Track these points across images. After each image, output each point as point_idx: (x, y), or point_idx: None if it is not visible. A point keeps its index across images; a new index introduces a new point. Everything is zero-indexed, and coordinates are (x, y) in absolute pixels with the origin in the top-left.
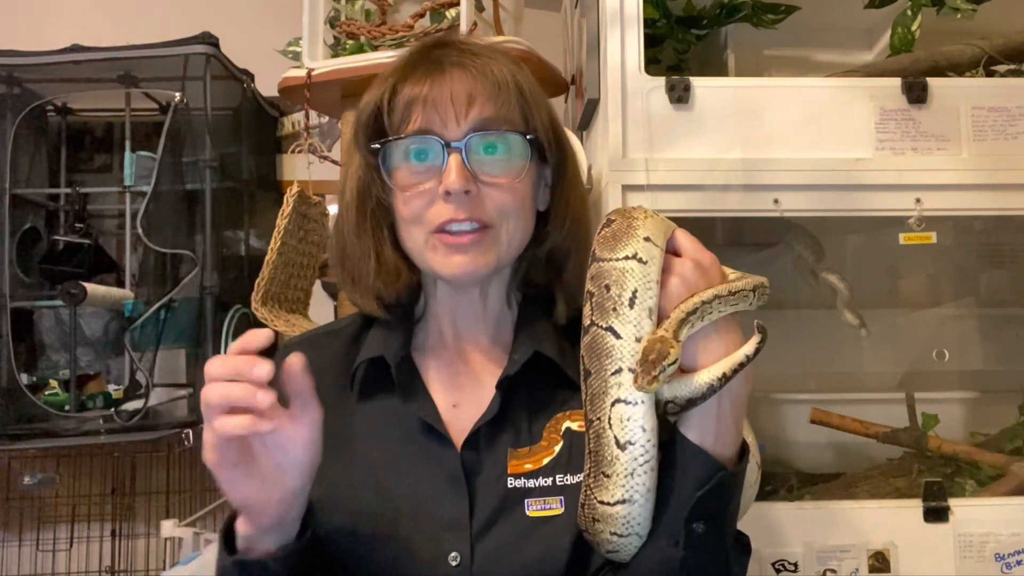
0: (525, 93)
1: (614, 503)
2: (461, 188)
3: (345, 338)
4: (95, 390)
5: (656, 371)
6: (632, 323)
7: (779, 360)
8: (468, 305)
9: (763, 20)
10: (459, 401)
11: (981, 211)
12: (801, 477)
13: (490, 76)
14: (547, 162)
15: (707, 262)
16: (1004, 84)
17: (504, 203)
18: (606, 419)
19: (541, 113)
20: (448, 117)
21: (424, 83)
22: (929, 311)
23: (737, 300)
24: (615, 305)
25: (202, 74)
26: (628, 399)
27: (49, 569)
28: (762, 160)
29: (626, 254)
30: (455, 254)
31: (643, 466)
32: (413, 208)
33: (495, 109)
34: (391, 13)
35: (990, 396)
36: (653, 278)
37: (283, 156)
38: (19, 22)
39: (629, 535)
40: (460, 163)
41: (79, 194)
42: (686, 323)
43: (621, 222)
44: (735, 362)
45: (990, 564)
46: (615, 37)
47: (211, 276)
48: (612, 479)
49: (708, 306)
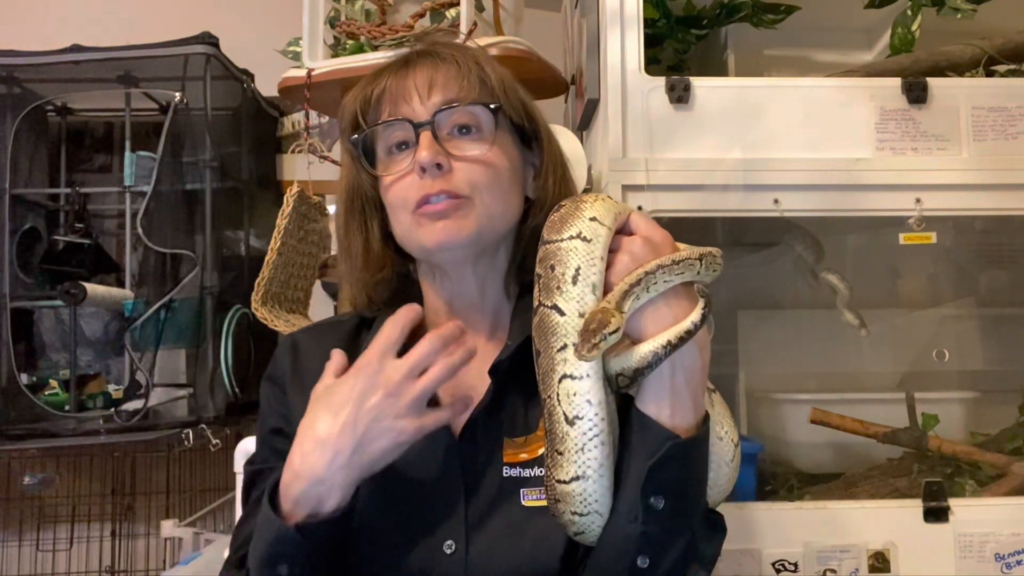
0: (488, 77)
1: (569, 480)
2: (432, 160)
3: (348, 330)
4: (95, 390)
5: (596, 339)
6: (575, 299)
7: (779, 360)
8: (465, 292)
9: (763, 20)
10: (456, 391)
11: (981, 211)
12: (801, 477)
13: (452, 64)
14: (531, 149)
15: (658, 238)
16: (1004, 84)
17: (476, 176)
18: (555, 396)
19: (510, 96)
20: (414, 102)
21: (390, 79)
22: (929, 311)
23: (682, 269)
24: (559, 283)
25: (202, 74)
26: (574, 374)
27: (49, 569)
28: (762, 160)
29: (570, 234)
30: (436, 221)
31: (592, 440)
32: (396, 192)
33: (458, 90)
34: (391, 13)
35: (990, 396)
36: (597, 255)
37: (283, 156)
38: (19, 22)
39: (589, 513)
40: (430, 138)
41: (79, 194)
42: (630, 295)
43: (570, 206)
44: (681, 330)
45: (990, 564)
46: (615, 37)
47: (211, 276)
48: (565, 456)
49: (652, 276)
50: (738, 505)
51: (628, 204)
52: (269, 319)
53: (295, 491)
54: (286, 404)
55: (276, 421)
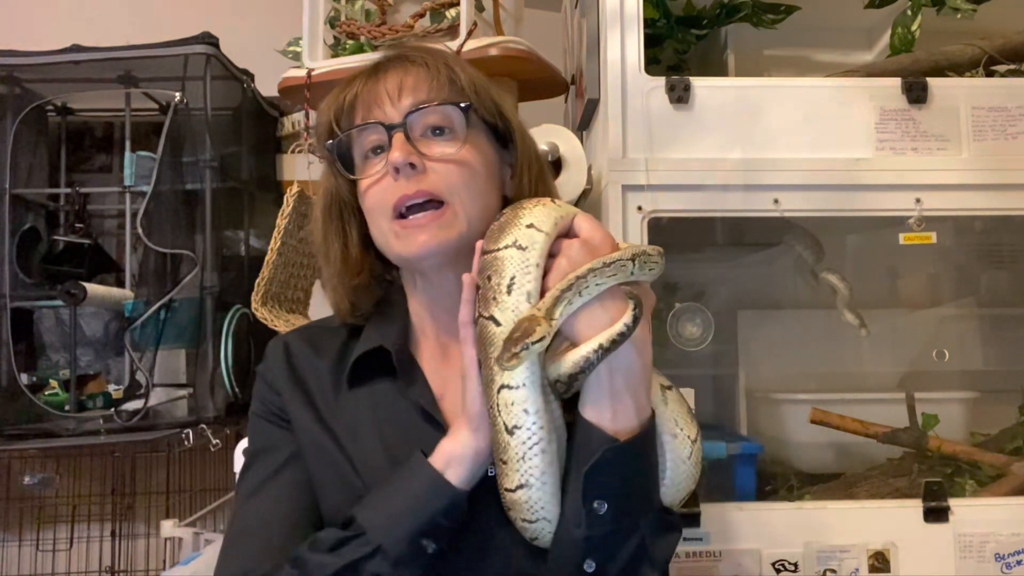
0: (458, 77)
1: (515, 488)
2: (404, 160)
3: (341, 335)
4: (95, 390)
5: (517, 348)
6: (511, 309)
7: (779, 360)
8: (446, 296)
9: (763, 20)
10: (444, 393)
11: (981, 211)
12: (801, 477)
13: (422, 67)
14: (507, 148)
15: (597, 240)
16: (1004, 84)
17: (451, 176)
18: (496, 406)
19: (481, 95)
20: (385, 106)
21: (361, 86)
22: (929, 311)
23: (615, 271)
24: (495, 294)
25: (202, 74)
26: (510, 384)
27: (49, 569)
28: (762, 160)
29: (506, 243)
30: (417, 234)
31: (532, 449)
32: (372, 196)
33: (427, 92)
34: (391, 13)
35: (990, 396)
36: (533, 262)
37: (283, 156)
38: (19, 22)
39: (537, 520)
40: (402, 139)
41: (79, 194)
42: (561, 300)
43: (509, 214)
44: (614, 333)
45: (990, 564)
46: (615, 37)
47: (211, 276)
48: (508, 465)
49: (583, 281)
50: (738, 505)
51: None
52: (269, 319)
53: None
54: (281, 406)
55: (271, 416)
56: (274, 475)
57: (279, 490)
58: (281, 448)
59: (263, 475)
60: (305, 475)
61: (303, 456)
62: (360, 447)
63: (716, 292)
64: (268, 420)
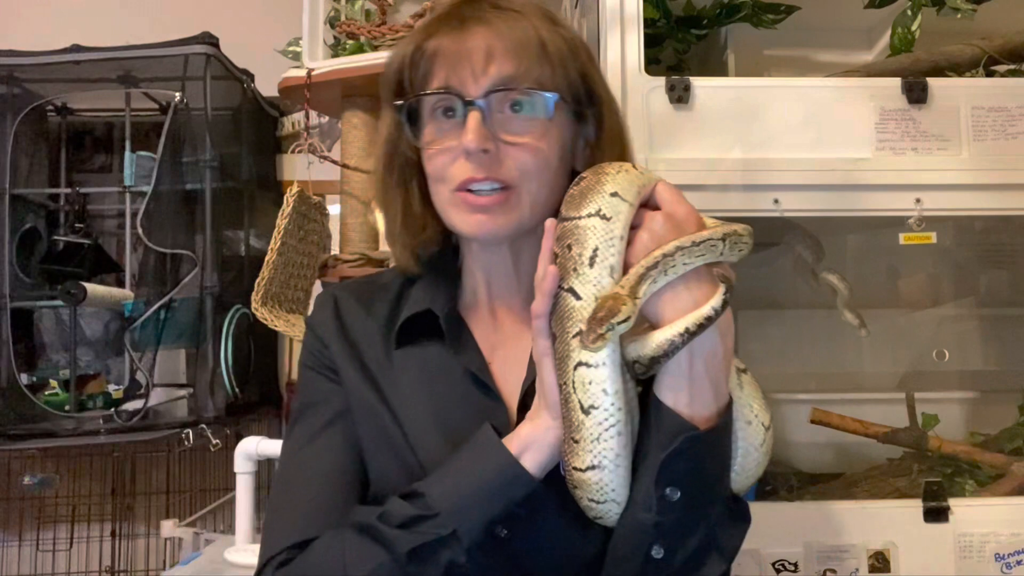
0: (549, 49)
1: (585, 469)
2: (479, 147)
3: (392, 290)
4: (95, 390)
5: (603, 329)
6: (592, 283)
7: (779, 360)
8: (500, 264)
9: (763, 20)
10: (493, 359)
11: (981, 211)
12: (801, 477)
13: (511, 33)
14: (585, 120)
15: (681, 214)
16: (1004, 84)
17: (525, 163)
18: (571, 383)
19: (568, 71)
20: (466, 74)
21: (444, 39)
22: (929, 311)
23: (704, 251)
24: (576, 265)
25: (202, 74)
26: (589, 362)
27: (49, 569)
28: (762, 160)
29: (589, 211)
30: (476, 213)
31: (608, 430)
32: (436, 165)
33: (515, 66)
34: (391, 13)
35: (990, 396)
36: (617, 234)
37: (283, 156)
38: (19, 22)
39: (605, 501)
40: (479, 121)
41: (79, 194)
42: (646, 278)
43: (591, 179)
44: (700, 316)
45: (990, 564)
46: (615, 37)
47: (211, 276)
48: (580, 444)
49: (671, 259)
50: None
51: (653, 174)
52: (269, 319)
53: (541, 456)
54: (331, 359)
55: (322, 367)
56: (322, 430)
57: (328, 447)
58: (331, 401)
59: (312, 430)
60: (354, 431)
61: (352, 412)
62: (409, 411)
63: None
64: (318, 372)
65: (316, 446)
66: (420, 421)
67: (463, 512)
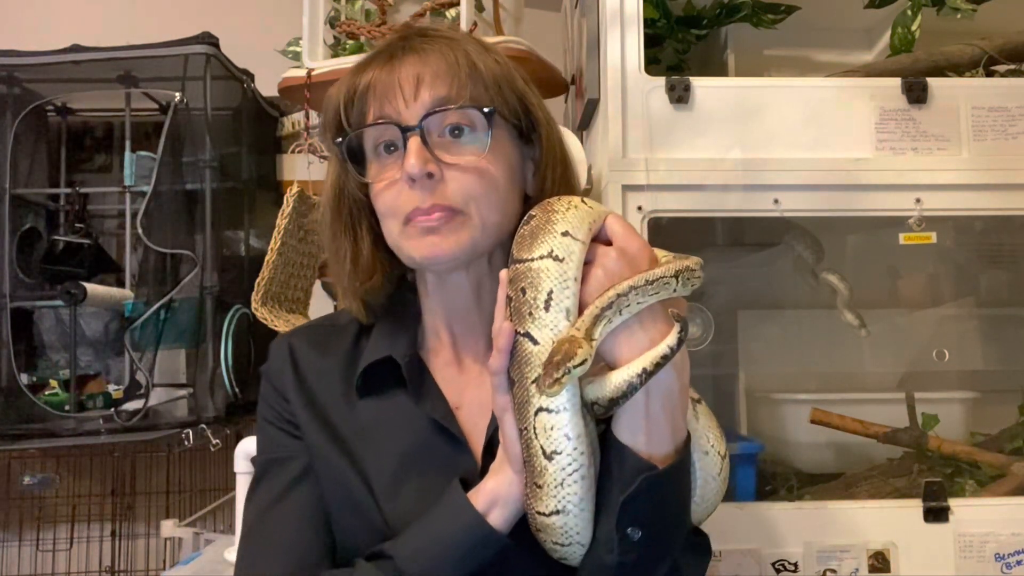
0: (481, 70)
1: (549, 513)
2: (421, 171)
3: (349, 336)
4: (95, 390)
5: (559, 373)
6: (549, 327)
7: (779, 360)
8: (460, 299)
9: (763, 20)
10: (460, 403)
11: (981, 211)
12: (801, 477)
13: (443, 58)
14: (532, 143)
15: (634, 249)
16: (1004, 84)
17: (470, 185)
18: (532, 429)
19: (504, 92)
20: (399, 102)
21: (376, 72)
22: (929, 311)
23: (657, 288)
24: (531, 309)
25: (202, 74)
26: (550, 407)
27: (49, 569)
28: (762, 160)
29: (541, 253)
30: (427, 235)
31: (572, 475)
32: (385, 200)
33: (448, 88)
34: (391, 13)
35: (990, 396)
36: (571, 275)
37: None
38: (19, 22)
39: (570, 544)
40: (419, 144)
41: (79, 194)
42: (601, 319)
43: (541, 217)
44: (657, 355)
45: (990, 564)
46: (615, 37)
47: (211, 276)
48: (544, 489)
49: (624, 299)
50: (738, 505)
51: (605, 206)
52: (269, 319)
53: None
54: (292, 413)
55: (283, 422)
56: (289, 489)
57: (295, 507)
58: (295, 459)
59: (278, 489)
60: (319, 490)
61: (315, 471)
62: (374, 465)
63: (716, 292)
64: (279, 427)
65: (284, 507)
66: (386, 476)
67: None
